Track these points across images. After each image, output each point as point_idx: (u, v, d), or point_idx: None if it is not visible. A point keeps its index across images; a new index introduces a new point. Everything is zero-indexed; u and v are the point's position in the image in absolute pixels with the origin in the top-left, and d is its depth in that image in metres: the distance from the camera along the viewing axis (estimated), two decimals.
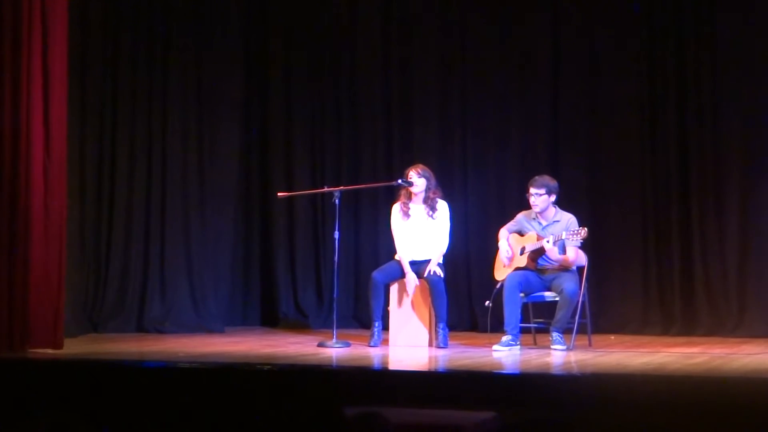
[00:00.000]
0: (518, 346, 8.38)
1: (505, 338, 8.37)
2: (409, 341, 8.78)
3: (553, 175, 9.00)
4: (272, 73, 10.96)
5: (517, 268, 8.59)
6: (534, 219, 8.66)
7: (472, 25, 10.46)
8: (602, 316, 9.55)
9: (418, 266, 8.88)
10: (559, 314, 8.37)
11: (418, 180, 8.90)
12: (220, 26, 10.55)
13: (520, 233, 8.72)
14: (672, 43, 9.86)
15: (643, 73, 9.95)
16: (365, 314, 9.71)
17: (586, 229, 8.36)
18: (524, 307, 8.62)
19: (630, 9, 9.94)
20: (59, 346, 7.87)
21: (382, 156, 10.72)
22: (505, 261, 8.69)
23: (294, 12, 10.89)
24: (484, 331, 8.93)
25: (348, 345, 8.67)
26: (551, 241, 8.41)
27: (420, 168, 8.95)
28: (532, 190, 8.55)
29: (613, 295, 9.88)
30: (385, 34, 10.76)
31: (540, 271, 8.58)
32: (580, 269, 8.61)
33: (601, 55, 10.08)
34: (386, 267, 8.99)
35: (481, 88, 10.42)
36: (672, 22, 9.87)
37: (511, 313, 8.39)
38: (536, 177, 8.63)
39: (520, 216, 8.77)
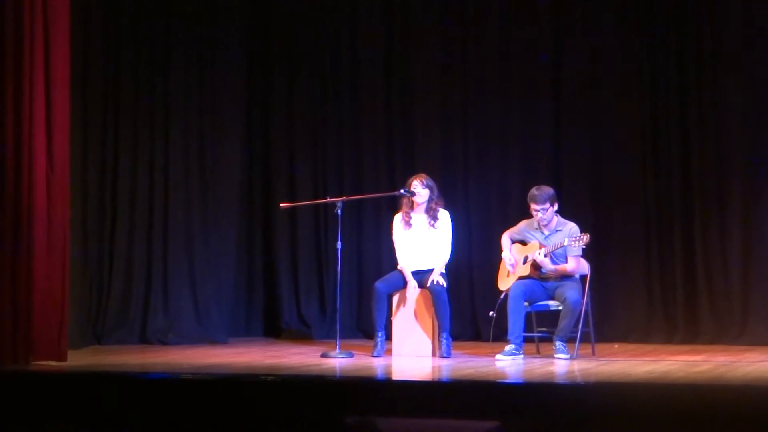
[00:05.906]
0: (521, 356, 8.38)
1: (508, 347, 8.36)
2: (412, 351, 8.77)
3: (556, 183, 9.00)
4: (274, 84, 10.99)
5: (521, 277, 8.59)
6: (537, 228, 8.65)
7: (473, 36, 10.48)
8: (605, 324, 9.55)
9: (420, 276, 8.88)
10: (563, 323, 8.38)
11: (422, 190, 8.89)
12: (222, 41, 10.58)
13: (523, 243, 8.72)
14: (674, 52, 9.87)
15: (646, 81, 9.95)
16: (368, 324, 9.72)
17: (588, 234, 8.34)
18: (527, 316, 8.61)
19: (637, 28, 9.98)
20: (63, 358, 7.86)
21: (384, 166, 10.73)
22: (510, 268, 8.68)
23: (296, 25, 10.92)
24: (487, 340, 8.93)
25: (351, 355, 8.66)
26: (542, 253, 8.42)
27: (423, 178, 8.94)
28: (536, 207, 8.52)
29: (617, 303, 9.88)
30: (387, 45, 10.79)
31: (543, 280, 8.58)
32: (583, 278, 8.61)
33: (603, 65, 10.09)
34: (389, 277, 8.98)
35: (482, 99, 10.43)
36: (673, 35, 9.87)
37: (515, 322, 8.38)
38: (534, 192, 8.56)
39: (523, 225, 8.77)
